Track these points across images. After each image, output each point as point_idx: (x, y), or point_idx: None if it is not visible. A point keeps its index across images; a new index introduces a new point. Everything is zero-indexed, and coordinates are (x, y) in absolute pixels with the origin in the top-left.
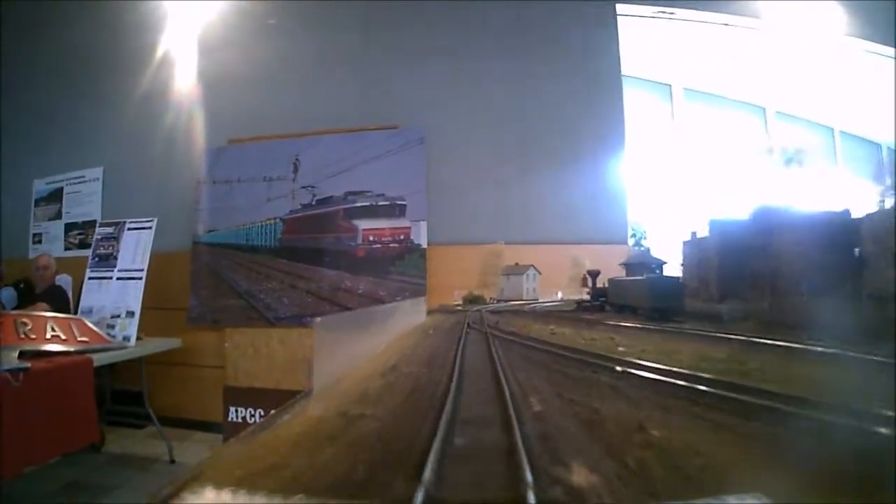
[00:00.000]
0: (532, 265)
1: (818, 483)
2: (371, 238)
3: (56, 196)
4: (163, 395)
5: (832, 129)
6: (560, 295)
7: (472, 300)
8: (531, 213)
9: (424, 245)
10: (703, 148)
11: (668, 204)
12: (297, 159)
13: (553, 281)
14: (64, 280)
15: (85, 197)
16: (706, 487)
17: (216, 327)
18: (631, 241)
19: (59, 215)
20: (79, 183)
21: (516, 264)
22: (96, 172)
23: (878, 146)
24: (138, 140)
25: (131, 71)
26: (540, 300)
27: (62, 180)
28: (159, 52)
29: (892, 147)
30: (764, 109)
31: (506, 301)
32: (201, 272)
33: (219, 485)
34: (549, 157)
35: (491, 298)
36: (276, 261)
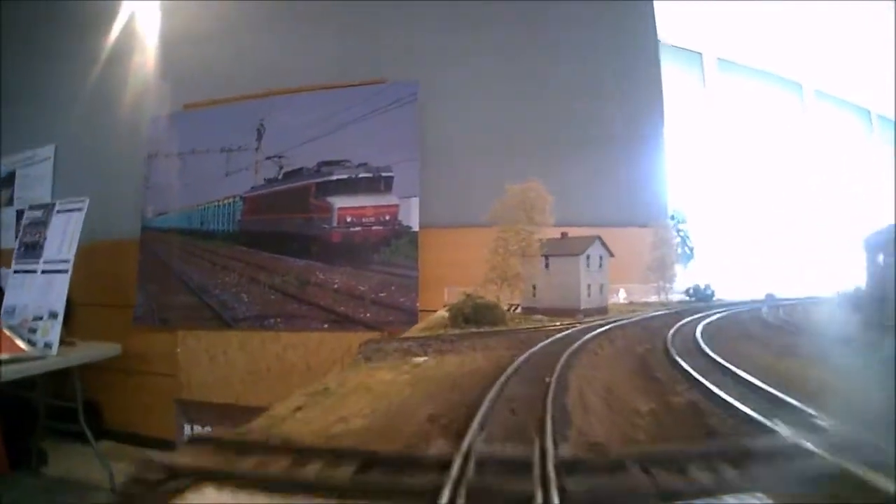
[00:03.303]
0: (598, 237)
1: None
2: (349, 219)
3: (8, 180)
4: (115, 407)
5: (869, 112)
6: (623, 295)
7: (468, 314)
8: (551, 188)
9: (415, 228)
10: (739, 124)
11: (705, 184)
12: (261, 124)
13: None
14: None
15: (35, 180)
16: None
17: (166, 328)
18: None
19: (11, 201)
20: (29, 165)
21: (563, 236)
22: (47, 151)
23: None
24: (90, 111)
25: (79, 34)
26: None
27: (13, 162)
28: (109, 12)
29: None
30: (801, 86)
31: (542, 312)
32: (149, 263)
33: (219, 485)
34: (573, 122)
35: (511, 306)
36: (234, 248)
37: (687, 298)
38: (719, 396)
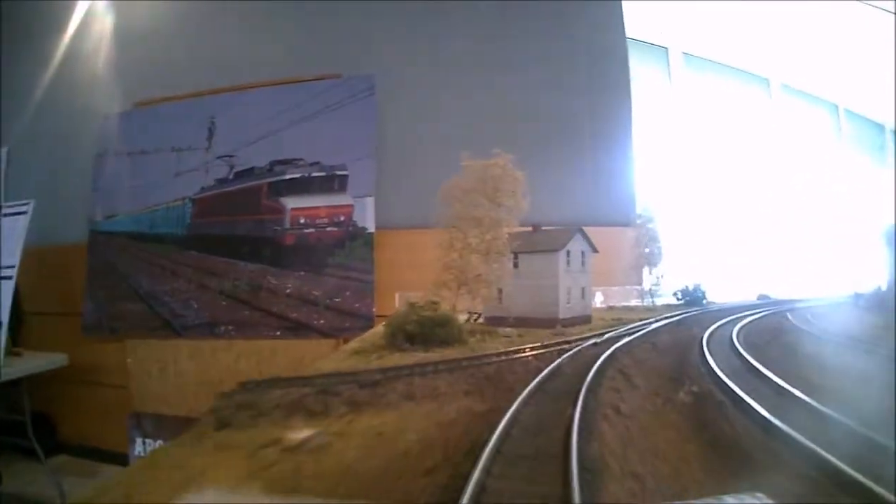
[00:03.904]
0: (579, 229)
1: None
2: (302, 220)
3: None
4: (68, 420)
5: (836, 106)
6: (600, 298)
7: (412, 332)
8: None
9: (371, 229)
10: (707, 119)
11: (675, 180)
12: (212, 122)
13: None
14: None
15: None
16: None
17: (115, 338)
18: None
19: None
20: None
21: (536, 229)
22: None
23: (881, 127)
24: (42, 112)
25: (30, 35)
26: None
27: None
28: (60, 12)
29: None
30: (768, 81)
31: (511, 323)
32: (98, 269)
33: (219, 485)
34: (539, 117)
35: (472, 315)
36: (184, 253)
37: (676, 301)
38: None
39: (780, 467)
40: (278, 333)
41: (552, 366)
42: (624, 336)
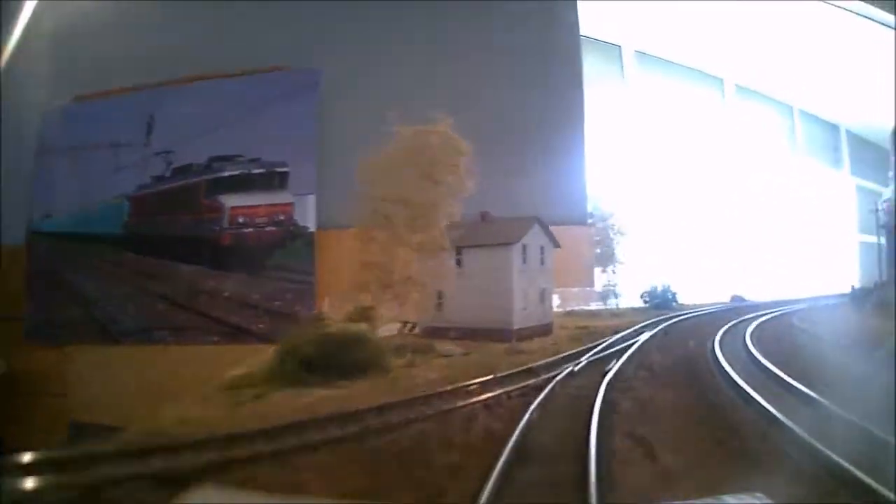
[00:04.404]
0: (536, 219)
1: None
2: (241, 219)
3: None
4: (11, 429)
5: (791, 108)
6: (556, 302)
7: (313, 358)
8: None
9: (312, 228)
10: (660, 118)
11: (630, 180)
12: (151, 117)
13: None
14: None
15: None
16: None
17: (55, 345)
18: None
19: None
20: None
21: (484, 217)
22: None
23: (836, 128)
24: None
25: None
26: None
27: None
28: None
29: (850, 130)
30: (722, 81)
31: (454, 336)
32: (36, 272)
33: (219, 485)
34: (489, 113)
35: (405, 325)
36: (121, 254)
37: (643, 304)
38: None
39: None
40: (216, 339)
41: (517, 432)
42: (608, 358)
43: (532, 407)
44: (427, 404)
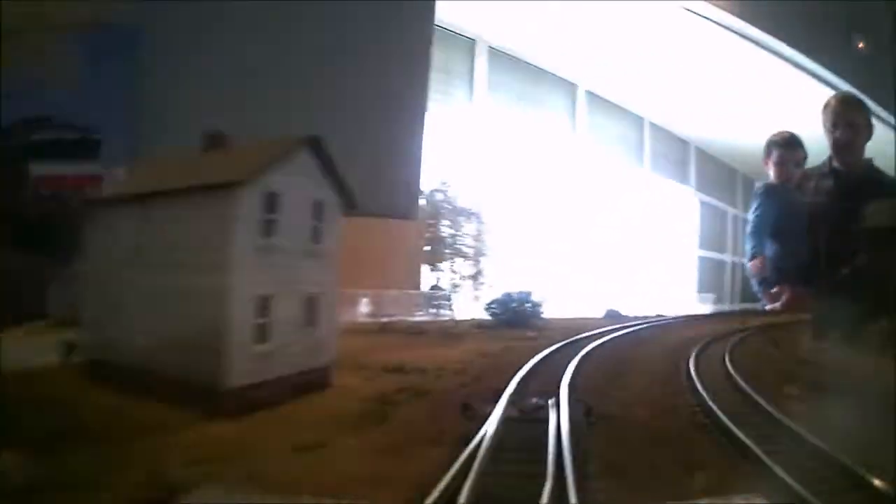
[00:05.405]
0: (312, 140)
1: None
2: (47, 192)
3: None
4: None
5: (643, 120)
6: (365, 309)
7: None
8: None
9: None
10: (511, 119)
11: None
12: None
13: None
14: None
15: None
16: None
17: None
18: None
19: None
20: None
21: (215, 141)
22: None
23: (686, 143)
24: None
25: None
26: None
27: None
28: None
29: (699, 147)
30: (576, 86)
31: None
32: None
33: (219, 485)
34: (325, 89)
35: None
36: None
37: (489, 317)
38: None
39: None
40: None
41: None
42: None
43: None
44: None
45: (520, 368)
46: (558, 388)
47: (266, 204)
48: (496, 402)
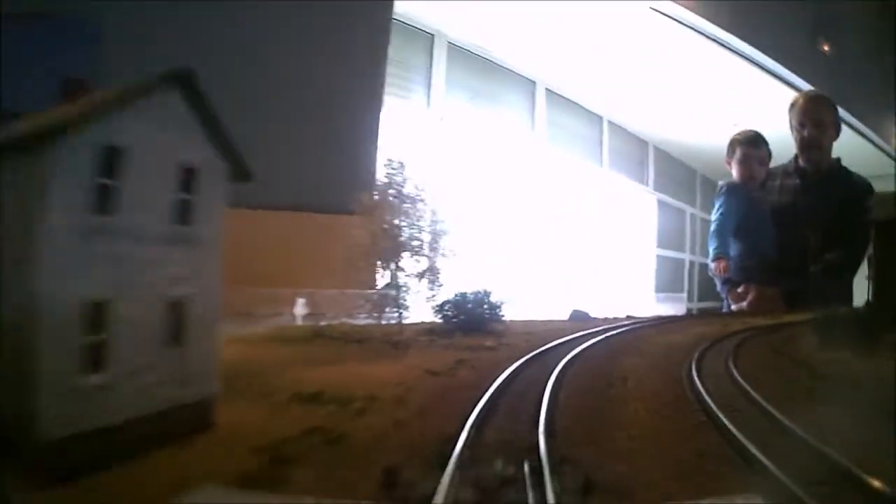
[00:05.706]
0: (182, 74)
1: None
2: None
3: None
4: None
5: (601, 118)
6: (302, 310)
7: None
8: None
9: None
10: (465, 114)
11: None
12: None
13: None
14: None
15: None
16: None
17: None
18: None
19: None
20: None
21: None
22: None
23: (645, 144)
24: None
25: None
26: None
27: None
28: None
29: (657, 146)
30: (535, 83)
31: None
32: None
33: (219, 485)
34: (279, 83)
35: None
36: None
37: (440, 320)
38: None
39: None
40: None
41: None
42: None
43: None
44: None
45: (478, 398)
46: (534, 436)
47: (102, 164)
48: (441, 465)
